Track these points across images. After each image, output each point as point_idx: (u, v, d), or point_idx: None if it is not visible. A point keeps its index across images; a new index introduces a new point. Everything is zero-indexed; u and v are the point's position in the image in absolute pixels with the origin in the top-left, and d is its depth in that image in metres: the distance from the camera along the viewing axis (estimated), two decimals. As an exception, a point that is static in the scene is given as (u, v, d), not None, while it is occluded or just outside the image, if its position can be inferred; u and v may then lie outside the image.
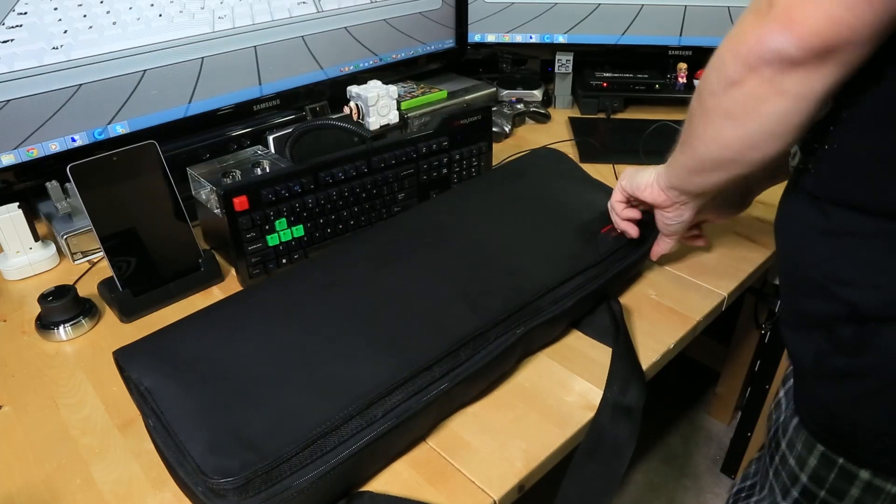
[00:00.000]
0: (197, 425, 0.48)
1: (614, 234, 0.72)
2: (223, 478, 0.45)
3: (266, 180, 0.73)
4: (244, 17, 0.90)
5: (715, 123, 0.51)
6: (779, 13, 0.42)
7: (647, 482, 1.44)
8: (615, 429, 0.57)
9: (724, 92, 0.48)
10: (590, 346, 0.67)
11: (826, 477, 0.55)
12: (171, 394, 0.51)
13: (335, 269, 0.64)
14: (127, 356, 0.55)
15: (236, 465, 0.45)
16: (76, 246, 0.83)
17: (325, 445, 0.48)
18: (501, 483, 0.53)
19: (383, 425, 0.50)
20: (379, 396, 0.51)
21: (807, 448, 0.56)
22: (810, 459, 0.56)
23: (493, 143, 0.96)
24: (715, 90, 0.49)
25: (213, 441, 0.47)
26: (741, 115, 0.48)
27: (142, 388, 0.52)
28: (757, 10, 0.44)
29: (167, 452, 0.50)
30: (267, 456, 0.46)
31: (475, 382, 0.58)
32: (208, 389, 0.51)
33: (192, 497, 0.49)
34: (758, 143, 0.49)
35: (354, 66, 1.06)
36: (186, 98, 0.89)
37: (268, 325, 0.57)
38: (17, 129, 0.77)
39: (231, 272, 0.80)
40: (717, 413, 1.57)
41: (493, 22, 1.20)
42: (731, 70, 0.46)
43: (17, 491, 0.54)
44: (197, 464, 0.46)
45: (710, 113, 0.50)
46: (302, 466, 0.47)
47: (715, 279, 0.76)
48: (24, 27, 0.74)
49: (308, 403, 0.50)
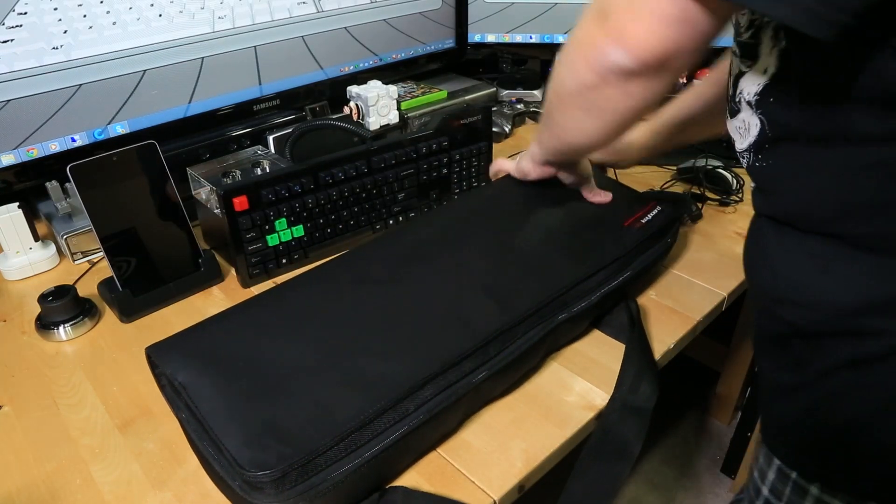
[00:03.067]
0: (232, 419, 0.49)
1: (637, 225, 0.72)
2: (260, 471, 0.45)
3: (266, 180, 0.73)
4: (244, 18, 0.90)
5: (575, 116, 0.55)
6: (613, 28, 0.45)
7: (647, 482, 1.44)
8: (623, 428, 0.57)
9: (580, 93, 0.51)
10: (590, 346, 0.67)
11: (783, 491, 0.56)
12: (206, 389, 0.51)
13: (363, 268, 0.64)
14: (160, 352, 0.55)
15: (273, 458, 0.46)
16: (76, 246, 0.83)
17: (359, 439, 0.49)
18: (501, 483, 0.53)
19: (415, 419, 0.51)
20: (411, 391, 0.52)
21: (767, 462, 0.57)
22: (769, 473, 0.57)
23: (493, 143, 0.96)
24: (571, 90, 0.52)
25: (249, 435, 0.47)
26: (598, 112, 0.52)
27: (176, 384, 0.52)
28: (596, 17, 0.47)
29: (201, 447, 0.50)
30: (302, 449, 0.46)
31: (504, 377, 0.59)
32: (242, 384, 0.51)
33: (227, 491, 0.50)
34: (614, 131, 0.55)
35: (354, 66, 1.06)
36: (186, 98, 0.89)
37: (298, 323, 0.57)
38: (17, 129, 0.77)
39: (231, 272, 0.80)
40: (717, 413, 1.58)
41: (493, 22, 1.20)
42: (583, 75, 0.49)
43: (17, 491, 0.54)
44: (233, 457, 0.46)
45: (569, 107, 0.55)
46: (337, 459, 0.48)
47: (715, 279, 0.76)
48: (24, 27, 0.74)
49: (341, 398, 0.50)
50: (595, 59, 0.47)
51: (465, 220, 0.72)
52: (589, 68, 0.48)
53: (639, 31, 0.44)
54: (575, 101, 0.53)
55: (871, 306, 0.45)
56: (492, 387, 0.58)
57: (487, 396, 0.59)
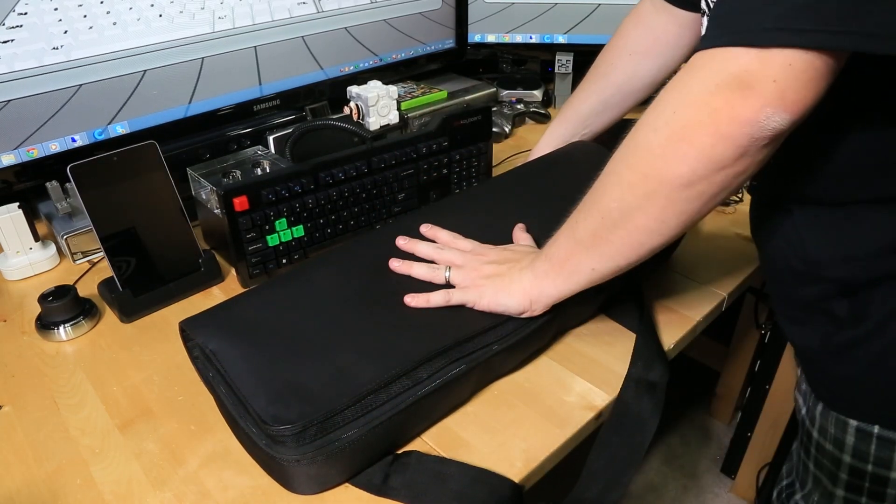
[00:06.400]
0: (258, 381, 0.52)
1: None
2: (282, 425, 0.48)
3: (266, 180, 0.73)
4: (244, 18, 0.90)
5: (664, 217, 0.48)
6: (769, 93, 0.41)
7: (647, 482, 1.44)
8: (639, 403, 0.59)
9: (694, 182, 0.45)
10: (590, 346, 0.67)
11: (867, 450, 0.56)
12: (234, 355, 0.55)
13: (384, 252, 0.66)
14: (193, 325, 0.59)
15: (294, 414, 0.49)
16: (76, 246, 0.83)
17: (374, 402, 0.52)
18: (501, 483, 0.53)
19: (428, 385, 0.54)
20: (426, 359, 0.55)
21: (840, 428, 0.57)
22: (847, 438, 0.57)
23: (494, 143, 0.96)
24: (676, 182, 0.46)
25: (272, 394, 0.51)
26: (705, 199, 0.46)
27: (207, 350, 0.56)
28: (725, 91, 0.42)
29: (230, 407, 0.54)
30: (321, 407, 0.50)
31: (514, 353, 0.61)
32: (267, 351, 0.55)
33: (251, 447, 0.54)
34: (699, 220, 0.50)
35: (354, 67, 1.06)
36: (187, 98, 0.89)
37: (320, 299, 0.61)
38: (17, 129, 0.77)
39: (231, 272, 0.80)
40: (717, 413, 1.58)
41: (493, 22, 1.20)
42: (720, 153, 0.44)
43: (17, 491, 0.54)
44: (258, 414, 0.50)
45: (657, 208, 0.48)
46: (353, 419, 0.51)
47: (715, 279, 0.76)
48: (24, 27, 0.74)
49: (359, 364, 0.54)
50: (742, 131, 0.42)
51: (481, 207, 0.74)
52: (728, 144, 0.43)
53: (806, 92, 0.41)
54: (677, 195, 0.46)
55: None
56: (502, 361, 0.61)
57: (498, 371, 0.62)
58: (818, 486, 0.63)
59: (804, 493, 0.66)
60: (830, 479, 0.61)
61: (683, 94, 0.45)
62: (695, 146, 0.44)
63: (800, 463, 0.66)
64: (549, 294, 0.58)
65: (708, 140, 0.43)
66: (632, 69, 0.80)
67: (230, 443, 0.57)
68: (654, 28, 0.78)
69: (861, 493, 0.58)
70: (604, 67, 0.82)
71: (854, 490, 0.59)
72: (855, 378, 0.55)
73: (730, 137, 0.43)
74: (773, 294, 0.62)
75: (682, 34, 0.76)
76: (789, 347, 1.13)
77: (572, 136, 0.86)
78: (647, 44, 0.79)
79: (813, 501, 0.64)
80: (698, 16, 0.69)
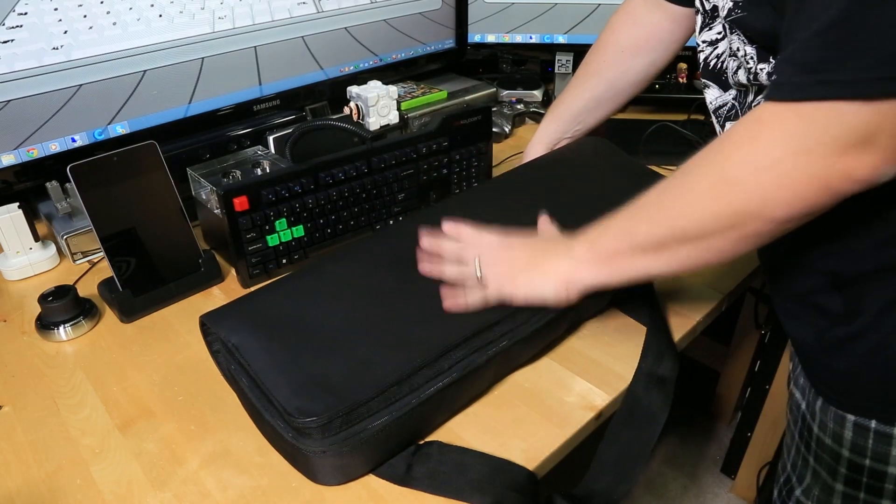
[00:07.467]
0: (281, 374, 0.53)
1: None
2: (307, 417, 0.49)
3: (266, 180, 0.73)
4: (244, 18, 0.90)
5: (741, 245, 0.49)
6: (889, 149, 0.41)
7: (647, 482, 1.44)
8: (649, 397, 0.60)
9: (801, 219, 0.46)
10: (590, 346, 0.67)
11: (865, 445, 0.56)
12: (257, 348, 0.55)
13: (401, 246, 0.67)
14: (213, 319, 0.59)
15: (319, 406, 0.50)
16: (76, 246, 0.83)
17: (397, 393, 0.53)
18: (501, 483, 0.53)
19: (450, 376, 0.55)
20: (446, 350, 0.56)
21: (838, 423, 0.58)
22: (845, 433, 0.57)
23: (494, 143, 0.96)
24: (784, 220, 0.46)
25: (297, 386, 0.52)
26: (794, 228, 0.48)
27: (230, 344, 0.56)
28: (843, 144, 0.41)
29: (254, 400, 0.54)
30: (346, 399, 0.50)
31: (531, 343, 0.62)
32: (289, 344, 0.56)
33: (276, 440, 0.54)
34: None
35: (354, 67, 1.06)
36: (186, 98, 0.89)
37: (340, 292, 0.62)
38: (17, 129, 0.77)
39: (231, 272, 0.80)
40: (718, 413, 1.58)
41: (493, 22, 1.20)
42: (822, 202, 0.44)
43: (17, 491, 0.54)
44: (283, 406, 0.50)
45: (735, 238, 0.48)
46: (377, 410, 0.52)
47: (715, 279, 0.76)
48: (24, 27, 0.74)
49: (382, 357, 0.55)
50: (850, 188, 0.43)
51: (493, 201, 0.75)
52: (832, 195, 0.43)
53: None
54: (764, 230, 0.47)
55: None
56: (520, 352, 0.62)
57: (516, 361, 0.63)
58: (818, 480, 0.63)
59: (804, 488, 0.66)
60: (830, 474, 0.61)
61: (792, 143, 0.43)
62: (798, 195, 0.44)
63: (799, 457, 0.66)
64: (585, 281, 0.58)
65: (814, 192, 0.43)
66: (624, 66, 0.80)
67: (230, 443, 0.57)
68: (646, 25, 0.78)
69: (859, 488, 0.59)
70: (595, 65, 0.82)
71: (853, 484, 0.59)
72: (851, 373, 0.55)
73: (837, 191, 0.43)
74: (770, 287, 0.63)
75: (674, 30, 0.77)
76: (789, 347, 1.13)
77: (564, 133, 0.86)
78: (640, 40, 0.79)
79: (813, 496, 0.64)
80: (691, 11, 0.68)
